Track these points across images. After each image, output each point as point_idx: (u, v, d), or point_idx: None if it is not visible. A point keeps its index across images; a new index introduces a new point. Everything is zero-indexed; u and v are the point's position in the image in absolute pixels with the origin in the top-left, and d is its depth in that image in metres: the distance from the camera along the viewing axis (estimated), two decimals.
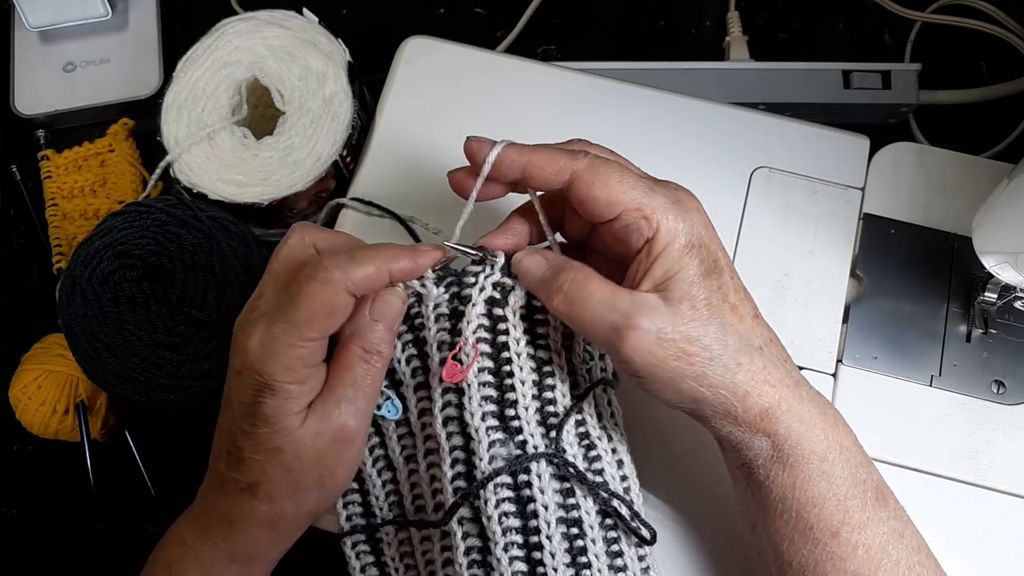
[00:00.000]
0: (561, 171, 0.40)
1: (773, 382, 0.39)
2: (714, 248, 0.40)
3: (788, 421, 0.39)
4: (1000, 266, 0.47)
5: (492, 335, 0.42)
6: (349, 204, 0.56)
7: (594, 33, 0.70)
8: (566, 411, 0.42)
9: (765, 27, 0.68)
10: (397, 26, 0.61)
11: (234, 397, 0.40)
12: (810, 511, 0.39)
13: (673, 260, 0.39)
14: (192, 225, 0.54)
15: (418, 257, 0.41)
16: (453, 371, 0.41)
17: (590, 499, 0.42)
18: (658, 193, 0.40)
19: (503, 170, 0.41)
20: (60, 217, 0.64)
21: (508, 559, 0.40)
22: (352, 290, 0.39)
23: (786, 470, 0.39)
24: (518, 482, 0.41)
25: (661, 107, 0.57)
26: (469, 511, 0.42)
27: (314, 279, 0.38)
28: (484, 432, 0.41)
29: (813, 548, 0.39)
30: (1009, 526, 0.49)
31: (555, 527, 0.41)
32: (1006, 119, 0.64)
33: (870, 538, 0.39)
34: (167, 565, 0.42)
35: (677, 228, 0.39)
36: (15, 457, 0.61)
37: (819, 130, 0.57)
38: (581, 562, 0.41)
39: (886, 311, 0.53)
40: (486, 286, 0.42)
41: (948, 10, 0.67)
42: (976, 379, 0.51)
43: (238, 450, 0.40)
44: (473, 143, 0.42)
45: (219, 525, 0.41)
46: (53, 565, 0.59)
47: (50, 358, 0.57)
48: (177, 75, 0.58)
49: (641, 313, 0.38)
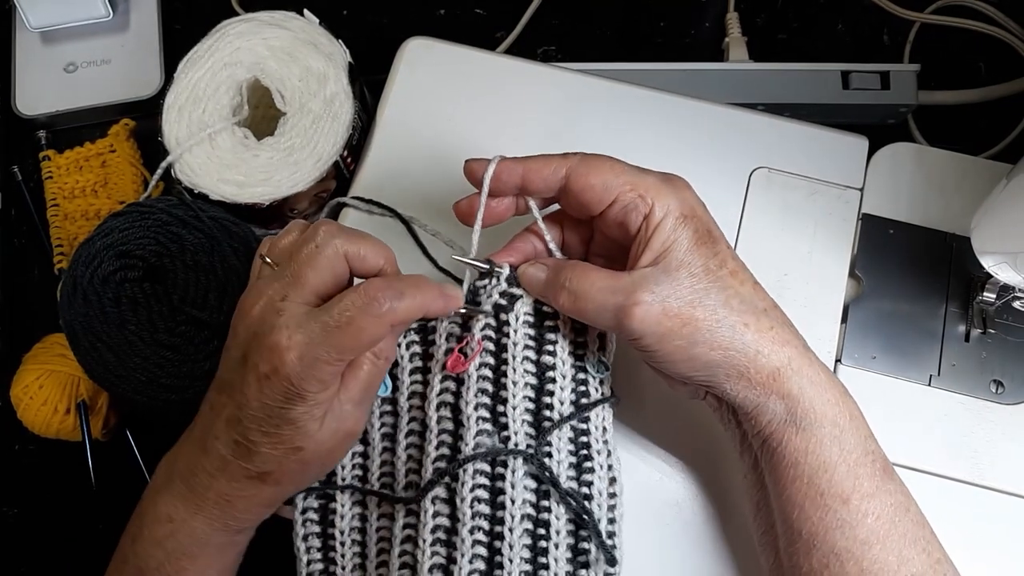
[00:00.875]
0: (556, 170, 0.43)
1: (781, 342, 0.40)
2: (707, 220, 0.42)
3: (800, 381, 0.40)
4: (999, 266, 0.47)
5: (497, 336, 0.45)
6: (350, 203, 0.56)
7: (594, 34, 0.70)
8: (561, 418, 0.44)
9: (764, 28, 0.68)
10: (397, 27, 0.61)
11: (253, 397, 0.40)
12: (821, 476, 0.40)
13: (669, 231, 0.41)
14: (193, 225, 0.54)
15: (450, 302, 0.43)
16: (457, 362, 0.44)
17: (562, 506, 0.43)
18: (649, 174, 0.42)
19: (504, 180, 0.43)
20: (61, 217, 0.64)
21: (472, 541, 0.42)
22: (395, 324, 0.41)
23: (799, 433, 0.40)
24: (495, 473, 0.43)
25: (660, 108, 0.57)
26: (444, 492, 0.43)
27: (367, 313, 0.39)
28: (475, 420, 0.44)
29: (824, 515, 0.40)
30: (1008, 526, 0.49)
31: (519, 522, 0.43)
32: (1005, 119, 0.64)
33: (879, 507, 0.40)
34: (158, 543, 0.43)
35: (670, 202, 0.41)
36: (16, 457, 0.61)
37: (818, 131, 0.57)
38: (541, 563, 0.43)
39: (885, 311, 0.53)
40: (493, 295, 0.45)
41: (947, 11, 0.67)
42: (975, 379, 0.51)
43: (252, 444, 0.41)
44: (472, 163, 0.44)
45: (216, 504, 0.42)
46: (53, 565, 0.59)
47: (51, 358, 0.58)
48: (178, 76, 0.58)
49: (642, 287, 0.40)
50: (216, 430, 0.42)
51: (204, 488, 0.42)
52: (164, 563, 0.43)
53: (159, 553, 0.43)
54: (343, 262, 0.42)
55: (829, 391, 0.41)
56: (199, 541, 0.43)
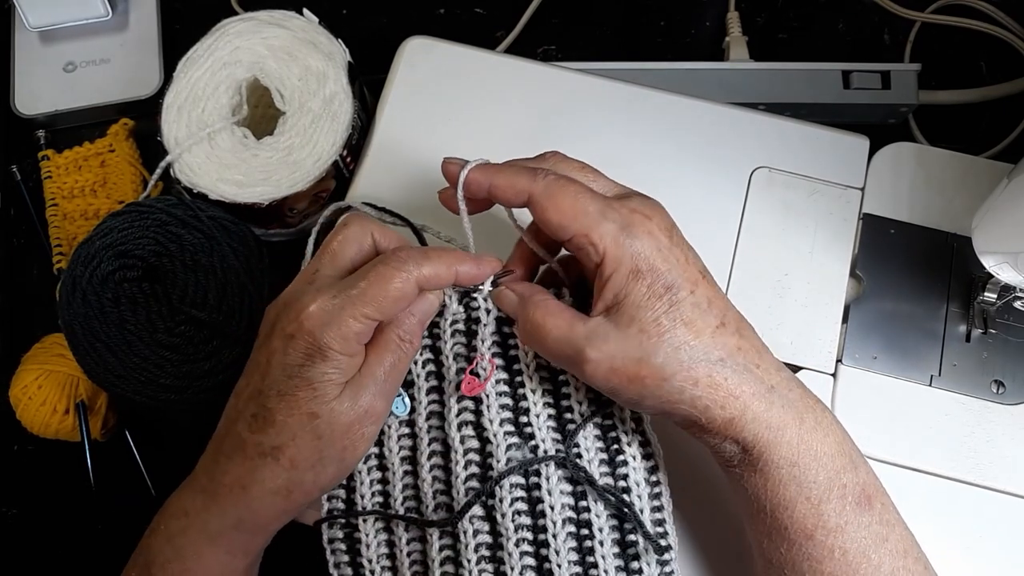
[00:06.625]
0: (520, 193, 0.42)
1: (737, 393, 0.40)
2: (665, 270, 0.40)
3: (755, 429, 0.40)
4: (1000, 266, 0.47)
5: (504, 349, 0.45)
6: (360, 208, 0.55)
7: (594, 33, 0.70)
8: (584, 417, 0.44)
9: (765, 27, 0.68)
10: (397, 26, 0.61)
11: (276, 360, 0.41)
12: (783, 512, 0.40)
13: (620, 285, 0.40)
14: (192, 225, 0.54)
15: (482, 265, 0.44)
16: (472, 384, 0.44)
17: (600, 503, 0.43)
18: (608, 219, 0.40)
19: (473, 190, 0.44)
20: (60, 217, 0.64)
21: (519, 554, 0.42)
22: (422, 283, 0.42)
23: (757, 473, 0.40)
24: (529, 483, 0.43)
25: (661, 107, 0.57)
26: (481, 510, 0.43)
27: (389, 264, 0.41)
28: (502, 437, 0.43)
29: (789, 548, 0.40)
30: (1009, 526, 0.49)
31: (561, 527, 0.42)
32: (1006, 119, 0.64)
33: (848, 542, 0.39)
34: (170, 538, 0.42)
35: (622, 255, 0.40)
36: (15, 457, 0.61)
37: (819, 130, 0.57)
38: (589, 562, 0.42)
39: (886, 311, 0.53)
40: (491, 308, 0.45)
41: (948, 10, 0.67)
42: (976, 379, 0.51)
43: (268, 412, 0.41)
44: (447, 164, 0.44)
45: (230, 492, 0.42)
46: (53, 565, 0.59)
47: (50, 358, 0.58)
48: (177, 75, 0.58)
49: (592, 344, 0.40)
50: (237, 410, 0.42)
51: (221, 473, 0.42)
52: (171, 560, 0.42)
53: (168, 549, 0.42)
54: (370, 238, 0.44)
55: (792, 430, 0.40)
56: (209, 537, 0.42)
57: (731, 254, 0.54)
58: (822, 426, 0.41)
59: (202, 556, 0.42)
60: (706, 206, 0.55)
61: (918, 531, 0.42)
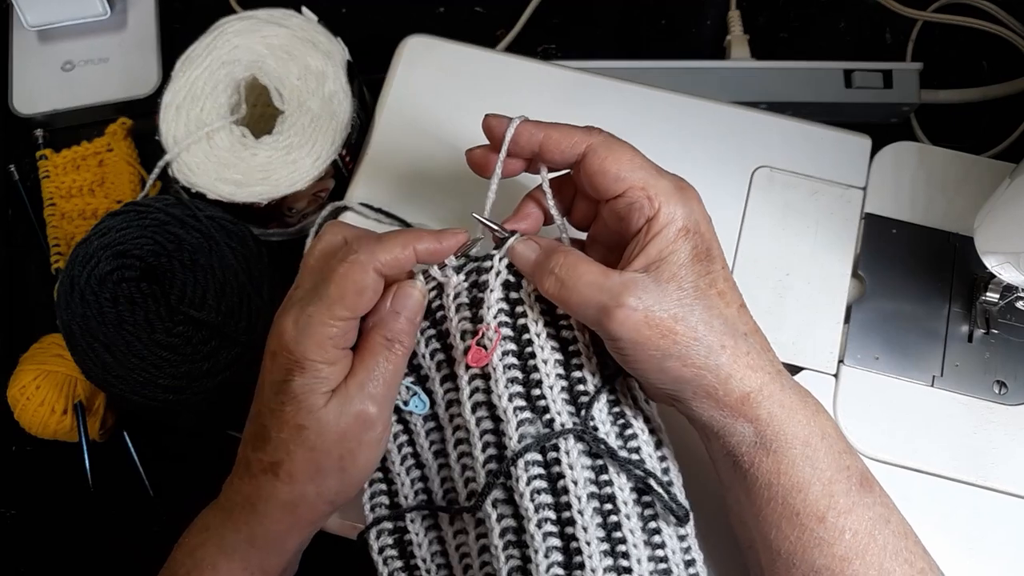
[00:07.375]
0: (576, 144, 0.42)
1: (755, 367, 0.40)
2: (709, 237, 0.42)
3: (769, 406, 0.40)
4: (1002, 266, 0.47)
5: (512, 318, 0.43)
6: (357, 209, 0.55)
7: (594, 32, 0.69)
8: (597, 389, 0.43)
9: (766, 26, 0.68)
10: (396, 25, 0.61)
11: (266, 379, 0.42)
12: (796, 496, 0.40)
13: (668, 242, 0.40)
14: (191, 225, 0.54)
15: (443, 239, 0.43)
16: (478, 355, 0.43)
17: (623, 475, 0.42)
18: (664, 177, 0.42)
19: (521, 144, 0.43)
20: (58, 217, 0.64)
21: (542, 535, 0.40)
22: (380, 269, 0.41)
23: (770, 456, 0.40)
24: (548, 459, 0.41)
25: (662, 106, 0.57)
26: (502, 493, 0.42)
27: (344, 260, 0.41)
28: (512, 412, 0.42)
29: (800, 534, 0.40)
30: (1011, 527, 0.49)
31: (586, 502, 0.41)
32: (1008, 118, 0.64)
33: (856, 523, 0.40)
34: (191, 551, 0.43)
35: (676, 212, 0.41)
36: (14, 457, 0.61)
37: (820, 129, 0.56)
38: (616, 537, 0.41)
39: (887, 311, 0.53)
40: (501, 269, 0.43)
41: (949, 9, 0.67)
42: (978, 379, 0.51)
43: (264, 430, 0.41)
44: (492, 119, 0.44)
45: (242, 509, 0.42)
46: (52, 565, 0.59)
47: (48, 358, 0.57)
48: (176, 74, 0.58)
49: (629, 291, 0.39)
50: (245, 433, 0.43)
51: (234, 492, 0.43)
52: (191, 571, 0.43)
53: (188, 561, 0.43)
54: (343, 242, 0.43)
55: (800, 412, 0.40)
56: (225, 551, 0.42)
57: (732, 254, 0.54)
58: (820, 410, 0.42)
59: (218, 569, 0.42)
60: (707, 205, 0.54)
61: (920, 531, 0.42)
